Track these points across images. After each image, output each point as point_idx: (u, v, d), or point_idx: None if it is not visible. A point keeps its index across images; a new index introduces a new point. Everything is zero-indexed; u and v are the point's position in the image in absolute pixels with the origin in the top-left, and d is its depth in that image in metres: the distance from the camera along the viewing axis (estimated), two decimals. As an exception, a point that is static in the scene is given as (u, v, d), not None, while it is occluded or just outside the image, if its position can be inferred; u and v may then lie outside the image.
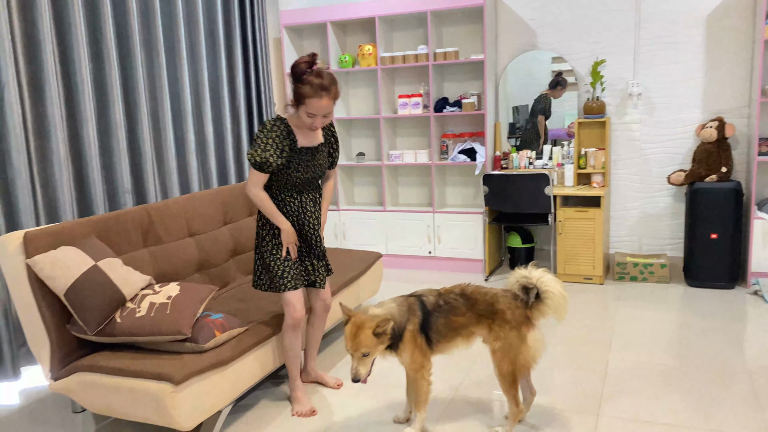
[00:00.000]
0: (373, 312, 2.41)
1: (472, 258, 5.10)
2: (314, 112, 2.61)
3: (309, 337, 3.10)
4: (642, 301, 4.25)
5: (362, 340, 2.33)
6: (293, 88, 2.64)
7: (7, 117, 3.12)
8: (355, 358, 2.36)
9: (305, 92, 2.58)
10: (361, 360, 2.36)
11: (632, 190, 4.95)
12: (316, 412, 2.91)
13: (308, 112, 2.62)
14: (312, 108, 2.60)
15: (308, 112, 2.61)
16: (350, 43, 5.55)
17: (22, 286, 2.54)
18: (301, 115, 2.65)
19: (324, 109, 2.61)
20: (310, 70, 2.60)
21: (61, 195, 3.39)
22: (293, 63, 2.61)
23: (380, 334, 2.34)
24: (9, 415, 3.02)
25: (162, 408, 2.36)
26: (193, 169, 4.34)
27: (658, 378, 3.09)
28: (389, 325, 2.34)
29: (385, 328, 2.33)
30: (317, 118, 2.64)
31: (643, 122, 4.84)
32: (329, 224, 5.55)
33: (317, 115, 2.63)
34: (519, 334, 2.45)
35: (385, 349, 2.44)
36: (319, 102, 2.58)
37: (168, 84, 4.12)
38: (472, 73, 5.21)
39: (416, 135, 5.49)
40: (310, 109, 2.60)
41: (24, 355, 3.31)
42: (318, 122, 2.66)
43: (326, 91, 2.59)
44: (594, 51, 4.89)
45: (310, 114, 2.62)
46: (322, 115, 2.64)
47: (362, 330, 2.33)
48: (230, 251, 3.66)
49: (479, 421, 2.74)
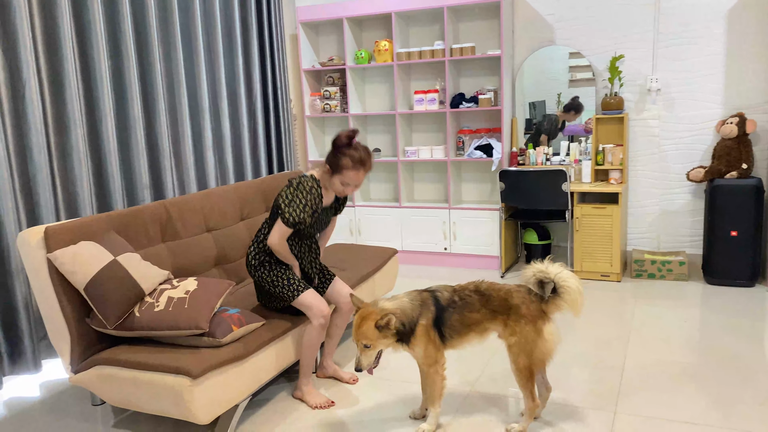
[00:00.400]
0: (382, 305, 2.43)
1: (488, 255, 5.08)
2: (350, 182, 2.80)
3: (330, 334, 3.11)
4: (660, 298, 4.21)
5: (364, 332, 2.37)
6: (332, 156, 2.81)
7: (28, 113, 3.16)
8: (359, 349, 2.41)
9: (345, 164, 2.76)
10: (364, 351, 2.40)
11: (650, 186, 4.91)
12: (334, 403, 2.93)
13: (343, 182, 2.80)
14: (348, 179, 2.78)
15: (344, 181, 2.80)
16: (366, 39, 5.55)
17: (43, 280, 2.57)
18: (335, 182, 2.82)
19: (359, 180, 2.80)
20: (350, 144, 2.79)
21: (80, 190, 3.43)
22: (336, 135, 2.80)
23: (382, 327, 2.36)
24: (30, 407, 3.07)
25: (180, 401, 2.39)
26: (210, 165, 4.37)
27: (677, 376, 3.06)
28: (391, 320, 2.35)
29: (387, 322, 2.35)
30: (350, 187, 2.82)
31: (662, 118, 4.79)
32: (344, 220, 5.56)
33: (351, 185, 2.81)
34: (535, 328, 2.45)
35: (396, 343, 2.45)
36: (357, 174, 2.78)
37: (185, 80, 4.15)
38: (489, 69, 5.19)
39: (432, 131, 5.48)
40: (347, 179, 2.79)
41: (45, 348, 3.36)
42: (350, 191, 2.85)
43: (363, 165, 2.78)
44: (612, 46, 4.84)
45: (345, 183, 2.80)
46: (355, 185, 2.82)
47: (366, 321, 2.37)
48: (247, 247, 3.68)
49: (495, 417, 2.74)
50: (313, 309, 2.84)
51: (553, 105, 5.09)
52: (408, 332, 2.44)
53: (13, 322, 3.17)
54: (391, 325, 2.37)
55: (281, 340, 2.87)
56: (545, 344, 2.47)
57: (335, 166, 2.79)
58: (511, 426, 2.60)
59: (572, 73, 5.00)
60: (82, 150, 3.43)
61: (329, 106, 5.49)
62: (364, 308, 2.43)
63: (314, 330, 2.86)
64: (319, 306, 2.84)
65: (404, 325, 2.42)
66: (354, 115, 5.45)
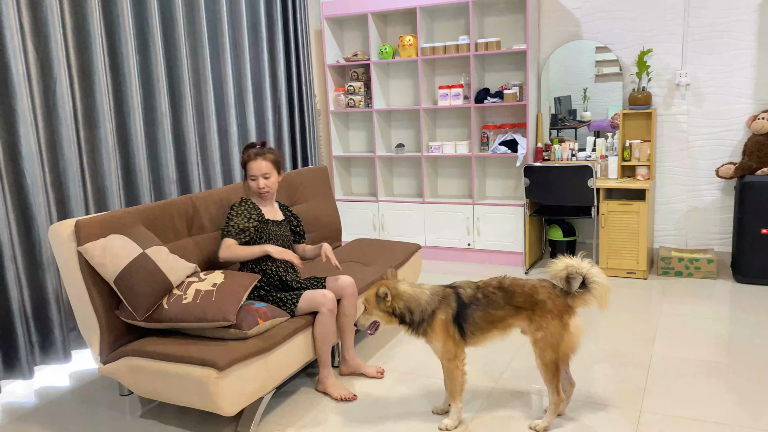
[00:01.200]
0: (397, 284, 2.54)
1: (512, 251, 5.05)
2: (254, 173, 3.01)
3: (342, 326, 3.12)
4: (687, 296, 4.15)
5: (368, 295, 2.55)
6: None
7: (59, 108, 3.22)
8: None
9: (245, 159, 3.04)
10: (364, 312, 2.57)
11: (678, 183, 4.83)
12: (356, 396, 2.95)
13: (250, 175, 3.03)
14: (251, 170, 3.01)
15: (249, 175, 3.02)
16: (391, 34, 5.54)
17: (73, 272, 2.62)
18: (249, 183, 3.05)
19: (260, 169, 2.99)
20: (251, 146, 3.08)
21: (109, 184, 3.49)
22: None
23: (379, 298, 2.49)
24: (60, 396, 3.14)
25: (206, 393, 2.42)
26: (236, 159, 4.40)
27: (704, 375, 3.02)
28: (388, 295, 2.49)
29: (384, 295, 2.49)
30: (258, 179, 3.01)
31: (691, 113, 4.71)
32: (368, 215, 5.57)
33: (257, 176, 3.00)
34: (561, 322, 2.46)
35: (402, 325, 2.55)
36: (256, 164, 3.00)
37: (212, 76, 4.19)
38: (514, 64, 5.15)
39: (456, 126, 5.46)
40: (250, 172, 3.02)
41: (74, 338, 3.43)
42: (261, 183, 3.00)
43: (259, 155, 3.01)
44: (640, 40, 4.77)
45: (252, 176, 3.02)
46: (261, 175, 3.00)
47: (375, 288, 2.53)
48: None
49: (519, 412, 2.73)
50: (316, 300, 2.88)
51: (579, 100, 5.04)
52: (418, 322, 2.51)
53: (44, 313, 3.24)
54: (387, 300, 2.49)
55: (305, 333, 2.89)
56: (571, 338, 2.48)
57: (242, 166, 3.07)
58: (535, 422, 2.59)
59: (598, 68, 4.94)
60: (111, 144, 3.48)
61: (353, 102, 5.50)
62: (386, 280, 2.57)
63: (324, 317, 2.89)
64: (320, 297, 2.88)
65: (411, 312, 2.50)
66: (378, 111, 5.45)
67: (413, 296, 2.52)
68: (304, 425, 2.73)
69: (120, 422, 2.84)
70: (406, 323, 2.54)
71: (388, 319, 2.54)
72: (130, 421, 2.84)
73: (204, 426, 2.75)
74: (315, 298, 2.89)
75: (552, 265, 2.50)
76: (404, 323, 2.54)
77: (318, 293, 2.90)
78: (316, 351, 2.95)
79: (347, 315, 3.09)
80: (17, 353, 3.11)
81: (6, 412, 3.00)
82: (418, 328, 2.53)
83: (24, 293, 3.16)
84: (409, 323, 2.53)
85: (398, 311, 2.51)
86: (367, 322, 2.57)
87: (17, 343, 3.10)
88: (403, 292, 2.52)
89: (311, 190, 4.14)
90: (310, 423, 2.74)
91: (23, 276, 3.15)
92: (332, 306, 2.89)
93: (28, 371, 3.14)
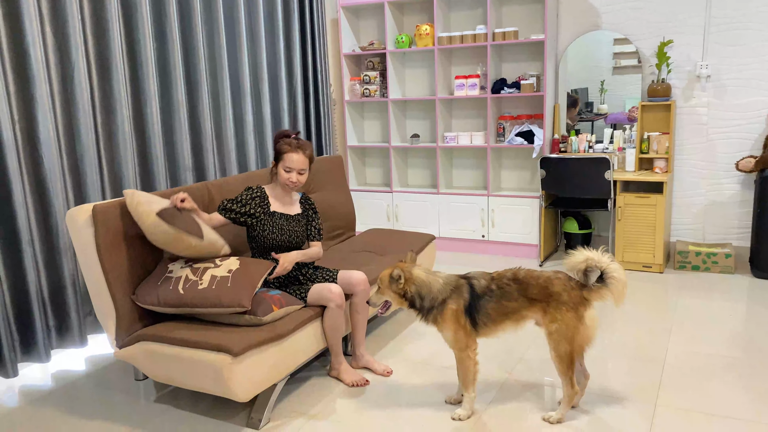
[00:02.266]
0: (412, 267, 2.56)
1: (527, 243, 5.03)
2: (291, 166, 2.96)
3: (354, 322, 3.11)
4: (704, 291, 4.10)
5: (383, 275, 2.57)
6: (274, 147, 3.04)
7: (76, 95, 3.24)
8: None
9: (284, 149, 2.98)
10: (377, 291, 2.60)
11: (697, 176, 4.77)
12: (369, 382, 2.97)
13: (285, 167, 2.97)
14: (289, 162, 2.96)
15: (285, 166, 2.97)
16: (407, 23, 5.51)
17: (90, 257, 2.64)
18: (280, 171, 2.99)
19: (299, 164, 2.96)
20: (288, 135, 3.03)
21: (125, 170, 3.51)
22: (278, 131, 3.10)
23: (392, 280, 2.52)
24: (76, 380, 3.17)
25: (220, 379, 2.43)
26: (251, 148, 4.41)
27: (720, 370, 2.99)
28: (401, 278, 2.50)
29: (398, 276, 2.50)
30: (293, 173, 2.97)
31: (711, 106, 4.64)
32: (382, 205, 5.56)
33: (293, 170, 2.96)
34: (576, 314, 2.44)
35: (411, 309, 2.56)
36: (297, 157, 2.96)
37: (228, 64, 4.19)
38: (532, 54, 5.10)
39: (472, 117, 5.42)
40: (287, 163, 2.96)
41: (90, 323, 3.46)
42: (294, 177, 2.97)
43: (301, 149, 2.98)
44: (661, 31, 4.70)
45: (287, 168, 2.97)
46: (297, 170, 2.97)
47: (390, 269, 2.55)
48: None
49: (532, 404, 2.72)
50: (323, 295, 2.87)
51: (596, 92, 4.98)
52: (428, 308, 2.52)
53: (61, 297, 3.27)
54: (400, 283, 2.50)
55: (318, 321, 2.89)
56: (586, 330, 2.46)
57: (277, 154, 3.00)
58: (549, 414, 2.58)
59: (616, 60, 4.88)
60: (128, 131, 3.50)
61: (369, 91, 5.48)
62: (404, 263, 2.58)
63: (332, 312, 2.88)
64: (326, 292, 2.87)
65: (422, 298, 2.51)
66: (393, 100, 5.43)
67: (426, 282, 2.53)
68: (318, 412, 2.74)
69: (135, 406, 2.86)
70: (416, 308, 2.55)
71: (400, 301, 2.56)
72: (145, 406, 2.86)
73: (218, 411, 2.77)
74: (322, 293, 2.88)
75: (571, 256, 2.48)
76: (414, 308, 2.56)
77: (325, 288, 2.88)
78: (327, 342, 2.96)
79: (359, 312, 3.09)
80: (34, 337, 3.14)
81: (23, 394, 3.04)
82: (428, 315, 2.54)
83: (41, 278, 3.19)
84: (419, 308, 2.55)
85: (409, 295, 2.52)
86: (379, 301, 2.60)
87: (34, 327, 3.13)
88: (416, 277, 2.53)
89: (326, 180, 4.14)
90: (324, 410, 2.75)
91: (40, 260, 3.18)
92: (340, 301, 2.88)
93: (45, 355, 3.18)
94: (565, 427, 2.53)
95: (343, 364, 3.01)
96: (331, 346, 2.97)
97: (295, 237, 3.06)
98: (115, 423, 2.72)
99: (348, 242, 4.06)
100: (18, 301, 3.10)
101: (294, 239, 3.06)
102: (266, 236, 2.97)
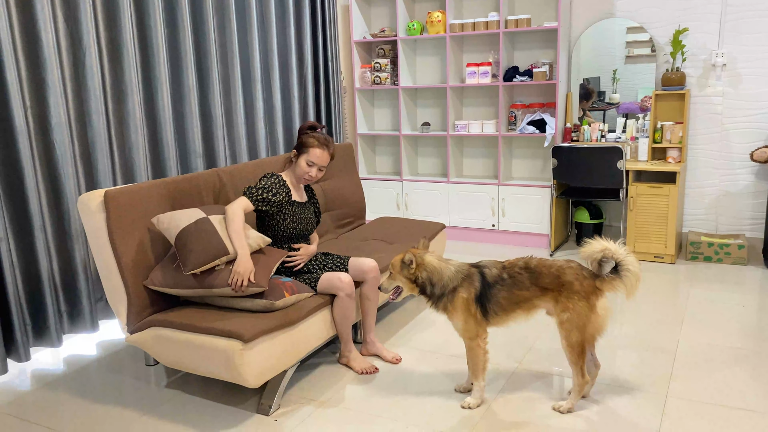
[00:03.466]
0: (424, 254, 2.55)
1: (537, 232, 5.00)
2: (315, 161, 2.94)
3: (365, 309, 3.11)
4: (716, 282, 4.07)
5: (395, 260, 2.57)
6: (299, 138, 3.01)
7: (88, 80, 3.23)
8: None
9: (310, 142, 2.95)
10: (389, 277, 2.60)
11: (711, 166, 4.72)
12: (378, 369, 2.98)
13: (309, 161, 2.94)
14: (314, 157, 2.93)
15: (309, 160, 2.94)
16: (419, 10, 5.47)
17: (102, 242, 2.65)
18: (300, 163, 2.96)
19: (323, 160, 2.96)
20: (314, 129, 3.01)
21: (136, 157, 3.51)
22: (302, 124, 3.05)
23: (403, 264, 2.52)
24: (87, 364, 3.19)
25: (231, 365, 2.44)
26: (261, 135, 4.40)
27: (732, 361, 2.97)
28: (413, 263, 2.50)
29: (410, 261, 2.50)
30: (314, 168, 2.95)
31: (727, 95, 4.59)
32: (392, 194, 5.55)
33: (315, 165, 2.94)
34: (588, 303, 2.42)
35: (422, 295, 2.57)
36: (322, 153, 2.94)
37: (239, 51, 4.17)
38: (544, 42, 5.05)
39: (484, 105, 5.38)
40: (312, 158, 2.94)
41: (101, 309, 3.48)
42: (314, 173, 2.96)
43: (327, 146, 2.97)
44: (676, 18, 4.64)
45: (310, 162, 2.94)
46: (319, 166, 2.96)
47: (402, 255, 2.55)
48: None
49: (542, 394, 2.71)
50: (333, 284, 2.87)
51: (608, 82, 4.93)
52: (438, 295, 2.52)
53: (73, 283, 3.29)
54: (411, 268, 2.50)
55: (329, 308, 2.89)
56: (598, 319, 2.45)
57: (301, 145, 2.96)
58: (559, 404, 2.57)
59: (629, 49, 4.82)
60: (139, 118, 3.49)
61: (379, 79, 5.45)
62: (416, 249, 2.58)
63: (342, 301, 2.89)
64: (337, 281, 2.87)
65: (432, 285, 2.51)
66: (404, 88, 5.40)
67: (437, 269, 2.52)
68: (327, 399, 2.74)
69: (145, 391, 2.88)
70: (426, 294, 2.55)
71: (411, 287, 2.56)
72: (156, 391, 2.88)
73: (228, 397, 2.78)
74: (332, 282, 2.87)
75: (588, 245, 2.45)
76: (425, 294, 2.55)
77: (335, 277, 2.88)
78: (337, 329, 2.97)
79: (369, 299, 3.09)
80: (46, 322, 3.16)
81: (36, 378, 3.06)
82: (438, 302, 2.54)
83: (53, 263, 3.21)
84: (429, 295, 2.55)
85: (420, 280, 2.52)
86: (390, 286, 2.59)
87: (46, 312, 3.15)
88: (428, 263, 2.52)
89: (336, 168, 4.13)
90: (333, 397, 2.76)
91: (52, 246, 3.20)
92: (350, 291, 2.88)
93: (57, 339, 3.20)
94: (576, 417, 2.53)
95: (352, 351, 3.02)
96: (341, 334, 2.97)
97: (309, 225, 3.08)
98: (126, 407, 2.73)
99: (358, 230, 4.05)
100: (30, 286, 3.12)
101: (309, 227, 3.08)
102: (287, 225, 2.96)
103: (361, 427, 2.52)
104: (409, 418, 2.56)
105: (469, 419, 2.54)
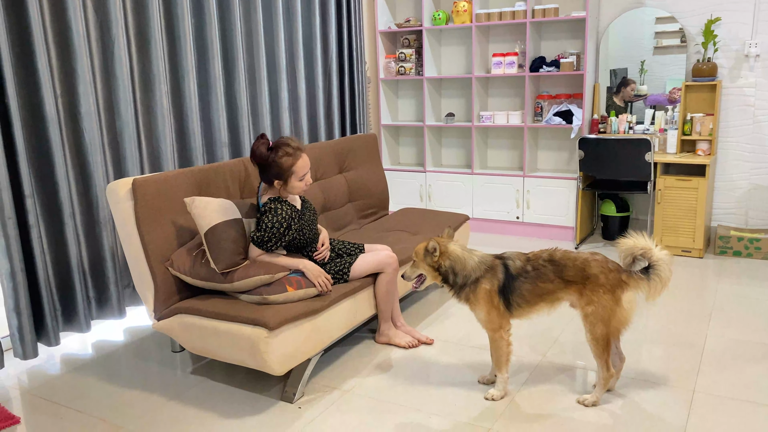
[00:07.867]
0: (448, 243, 2.53)
1: (563, 225, 4.96)
2: (306, 171, 2.73)
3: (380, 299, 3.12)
4: (746, 277, 4.00)
5: (418, 248, 2.56)
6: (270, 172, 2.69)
7: (116, 70, 3.27)
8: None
9: (288, 163, 2.66)
10: (412, 265, 2.59)
11: (741, 159, 4.63)
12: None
13: (300, 176, 2.71)
14: (300, 168, 2.69)
15: (299, 175, 2.71)
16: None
17: (130, 230, 2.68)
18: (293, 184, 2.72)
19: (308, 163, 2.75)
20: (273, 149, 2.69)
21: (163, 146, 3.54)
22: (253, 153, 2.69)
23: (427, 252, 2.51)
24: (115, 350, 3.25)
25: (256, 352, 2.46)
26: (286, 125, 4.41)
27: (761, 357, 2.91)
28: (437, 251, 2.49)
29: (433, 249, 2.49)
30: (308, 175, 2.76)
31: (760, 86, 4.48)
32: (415, 185, 5.53)
33: (307, 172, 2.74)
34: (614, 297, 2.40)
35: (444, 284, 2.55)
36: (302, 160, 2.70)
37: (264, 40, 4.18)
38: (572, 32, 4.98)
39: (509, 95, 5.33)
40: (300, 171, 2.70)
41: (129, 295, 3.53)
42: (309, 179, 2.77)
43: (300, 149, 2.72)
44: (708, 8, 4.54)
45: (302, 177, 2.72)
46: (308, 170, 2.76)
47: (426, 243, 2.53)
48: (320, 207, 3.72)
49: (566, 387, 2.69)
50: (382, 262, 2.91)
51: (636, 73, 4.85)
52: (461, 285, 2.51)
53: (101, 269, 3.34)
54: (435, 256, 2.49)
55: (354, 296, 2.90)
56: (623, 312, 2.42)
57: (282, 174, 2.69)
58: (584, 397, 2.55)
59: (657, 40, 4.73)
60: (166, 107, 3.52)
61: (404, 69, 5.43)
62: (441, 238, 2.56)
63: (389, 276, 2.93)
64: (385, 258, 2.90)
65: (455, 274, 2.49)
66: (429, 78, 5.37)
67: (460, 258, 2.51)
68: (350, 387, 2.75)
69: (171, 377, 2.92)
70: (449, 283, 2.54)
71: (434, 275, 2.55)
72: (181, 377, 2.92)
73: (253, 384, 2.81)
74: (381, 260, 2.92)
75: (630, 239, 2.41)
76: (447, 283, 2.55)
77: (383, 255, 2.95)
78: (379, 307, 3.02)
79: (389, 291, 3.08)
80: (75, 307, 3.22)
81: (65, 362, 3.12)
82: (460, 292, 2.53)
83: (82, 250, 3.26)
84: (451, 284, 2.53)
85: (443, 269, 2.51)
86: (414, 275, 2.59)
87: (75, 298, 3.21)
88: (451, 252, 2.51)
89: (360, 158, 4.13)
90: (356, 386, 2.77)
91: (81, 233, 3.25)
92: (396, 265, 2.96)
93: (85, 325, 3.26)
94: (600, 411, 2.51)
95: (391, 329, 3.09)
96: (382, 312, 3.03)
97: (314, 225, 2.98)
98: (152, 393, 2.78)
99: (381, 221, 4.05)
100: (60, 273, 3.18)
101: (314, 227, 2.98)
102: (305, 234, 2.89)
103: (384, 416, 2.53)
104: (432, 409, 2.57)
105: (493, 411, 2.54)
